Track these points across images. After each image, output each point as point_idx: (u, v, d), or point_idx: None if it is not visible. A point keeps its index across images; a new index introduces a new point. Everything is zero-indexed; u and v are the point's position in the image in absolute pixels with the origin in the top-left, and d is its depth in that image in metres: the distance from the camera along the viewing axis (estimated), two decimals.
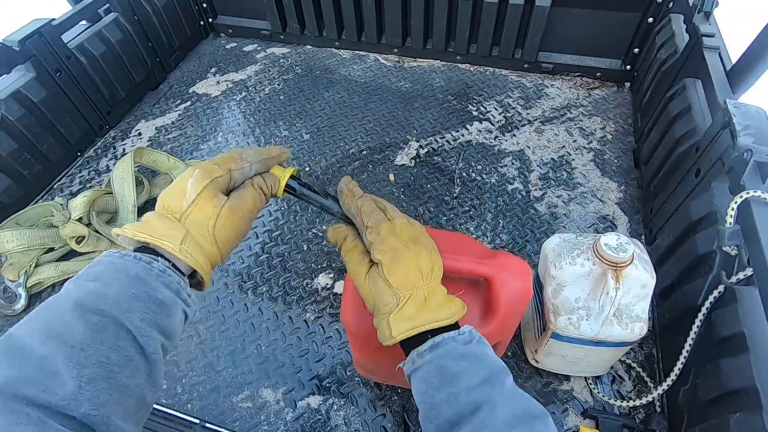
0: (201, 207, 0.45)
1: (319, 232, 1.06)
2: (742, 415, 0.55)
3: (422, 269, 0.49)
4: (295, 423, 0.78)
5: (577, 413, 0.77)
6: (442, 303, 0.48)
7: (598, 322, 0.65)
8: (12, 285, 0.96)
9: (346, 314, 0.63)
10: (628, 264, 0.61)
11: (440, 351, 0.45)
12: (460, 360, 0.45)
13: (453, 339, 0.46)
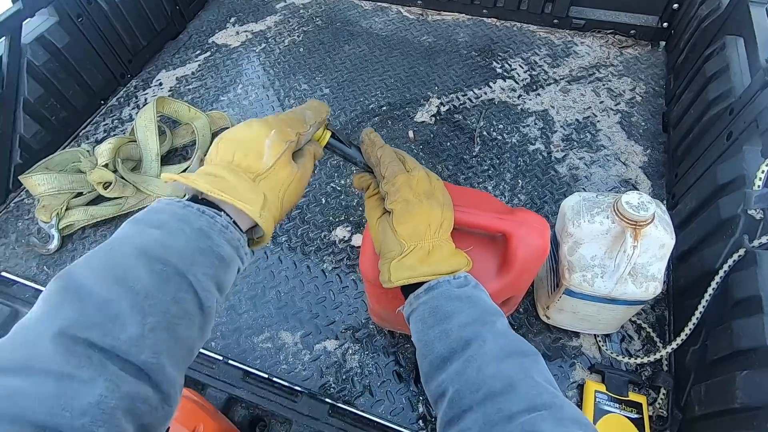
0: (278, 172, 0.45)
1: (337, 186, 1.07)
2: (749, 372, 0.56)
3: (431, 223, 0.51)
4: (312, 364, 0.83)
5: (584, 368, 0.80)
6: (446, 257, 0.50)
7: (612, 280, 0.66)
8: (45, 226, 1.01)
9: (365, 263, 0.65)
10: (648, 223, 0.61)
11: (434, 292, 0.48)
12: (454, 300, 0.47)
13: (447, 282, 0.48)
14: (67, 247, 1.02)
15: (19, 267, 1.00)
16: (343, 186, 1.07)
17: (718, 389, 0.61)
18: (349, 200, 1.04)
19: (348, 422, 0.77)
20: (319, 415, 0.77)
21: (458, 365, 0.43)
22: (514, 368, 0.41)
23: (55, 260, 1.00)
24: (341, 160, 1.12)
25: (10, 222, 1.07)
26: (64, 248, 1.02)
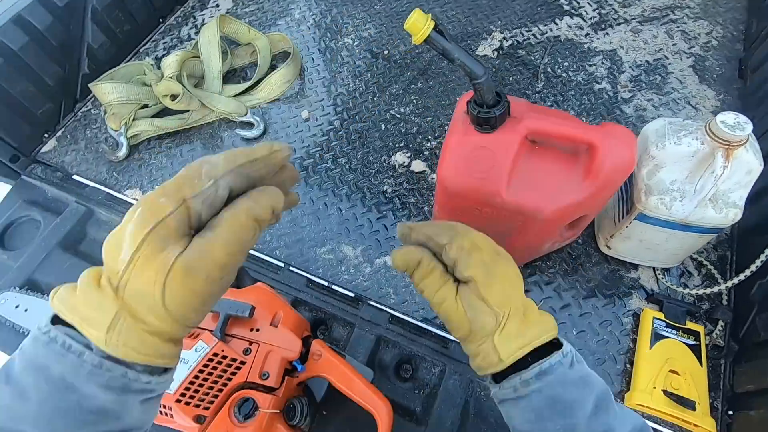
0: (141, 269, 0.29)
1: (396, 113, 1.07)
2: None
3: (514, 282, 0.44)
4: (372, 276, 0.86)
5: (641, 298, 0.81)
6: (540, 315, 0.44)
7: (692, 204, 0.66)
8: (114, 134, 1.04)
9: (447, 170, 0.66)
10: (742, 143, 0.60)
11: (550, 378, 0.41)
12: (571, 387, 0.41)
13: (560, 363, 0.41)
14: (134, 155, 1.06)
15: (90, 171, 1.04)
16: (402, 114, 1.07)
17: None
18: (408, 128, 1.04)
19: (407, 330, 0.80)
20: (380, 322, 0.81)
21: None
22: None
23: (124, 167, 1.04)
24: (401, 88, 1.11)
25: (79, 130, 1.11)
26: (131, 157, 1.05)
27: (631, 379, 0.73)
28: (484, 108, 0.62)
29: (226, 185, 0.32)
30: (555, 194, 0.64)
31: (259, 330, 0.63)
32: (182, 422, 0.57)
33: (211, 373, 0.58)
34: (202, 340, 0.59)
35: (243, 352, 0.60)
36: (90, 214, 0.97)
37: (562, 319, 0.80)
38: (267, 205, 0.33)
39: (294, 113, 1.09)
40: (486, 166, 0.64)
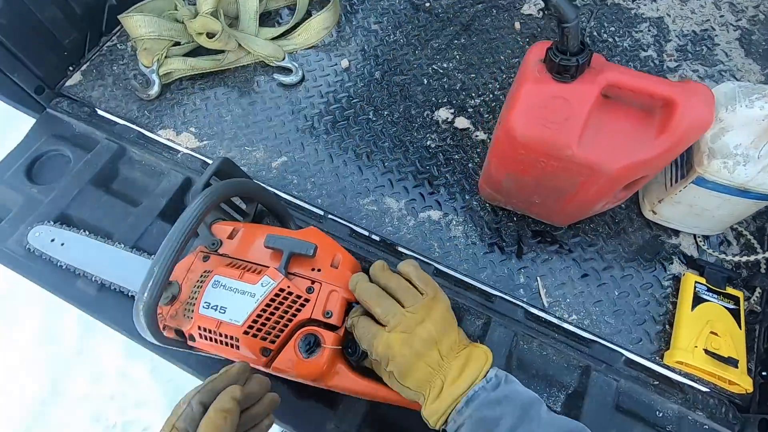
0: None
1: (439, 69, 1.04)
2: None
3: (429, 363, 0.53)
4: (416, 229, 0.86)
5: (681, 263, 0.83)
6: (466, 369, 0.52)
7: (755, 169, 0.66)
8: (146, 71, 0.99)
9: (517, 119, 0.65)
10: None
11: (475, 404, 0.49)
12: (495, 405, 0.49)
13: (483, 389, 0.50)
14: (165, 95, 1.01)
15: (119, 108, 1.00)
16: (445, 69, 1.04)
17: None
18: (451, 84, 1.02)
19: (451, 283, 0.81)
20: (427, 272, 0.81)
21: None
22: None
23: (155, 107, 1.00)
24: (443, 43, 1.08)
25: (105, 65, 1.06)
26: (163, 96, 1.01)
27: (670, 339, 0.75)
28: (566, 55, 0.60)
29: (198, 402, 0.45)
30: (625, 150, 0.63)
31: (320, 270, 0.62)
32: (248, 354, 0.57)
33: (277, 308, 0.58)
34: (267, 275, 0.58)
35: (306, 290, 0.60)
36: (122, 152, 0.94)
37: (605, 279, 0.81)
38: (227, 398, 0.46)
39: (333, 61, 1.05)
40: (561, 116, 0.63)
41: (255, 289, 0.58)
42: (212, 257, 0.64)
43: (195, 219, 0.56)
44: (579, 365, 0.74)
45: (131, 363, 1.80)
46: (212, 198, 0.59)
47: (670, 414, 0.71)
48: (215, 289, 0.58)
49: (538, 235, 0.85)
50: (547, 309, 0.79)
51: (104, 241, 0.81)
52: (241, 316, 0.57)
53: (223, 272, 0.59)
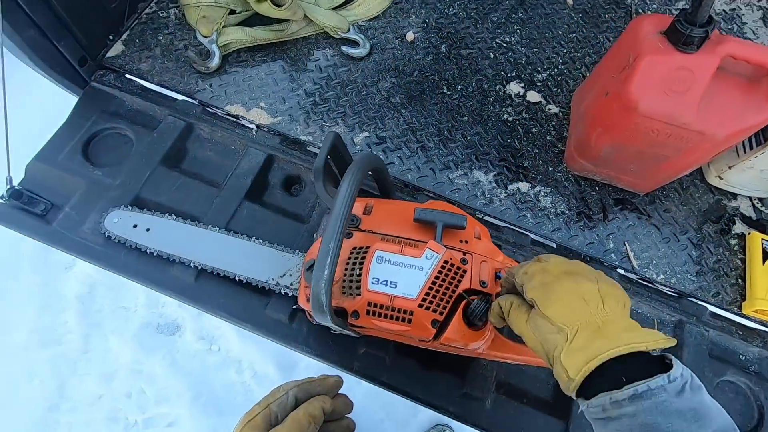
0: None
1: (502, 42, 1.05)
2: None
3: (587, 298, 0.42)
4: (508, 200, 0.88)
5: (743, 223, 0.91)
6: (627, 329, 0.40)
7: None
8: (205, 41, 0.92)
9: (640, 89, 0.68)
10: None
11: (647, 404, 0.35)
12: (676, 418, 0.35)
13: (662, 389, 0.36)
14: (224, 68, 0.95)
15: (175, 82, 0.92)
16: (509, 43, 1.05)
17: None
18: (516, 58, 1.03)
19: (548, 252, 0.84)
20: (525, 243, 0.84)
21: None
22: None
23: (218, 81, 0.93)
24: (502, 17, 1.08)
25: (149, 34, 0.97)
26: (222, 69, 0.95)
27: (745, 291, 0.84)
28: (695, 26, 0.63)
29: (293, 395, 0.50)
30: (734, 117, 0.68)
31: (468, 242, 0.63)
32: (420, 326, 0.57)
33: (444, 279, 0.58)
34: (429, 248, 0.58)
35: (461, 262, 0.60)
36: (189, 130, 0.88)
37: (682, 241, 0.88)
38: (317, 405, 0.49)
39: (397, 34, 1.03)
40: (684, 86, 0.67)
41: (421, 263, 0.58)
42: (356, 233, 0.62)
43: (353, 193, 0.54)
44: (672, 320, 0.81)
45: (145, 358, 1.70)
46: (363, 171, 0.58)
47: (752, 356, 0.80)
48: (380, 265, 0.57)
49: (620, 203, 0.90)
50: (637, 271, 0.84)
51: (196, 225, 0.76)
52: (414, 289, 0.56)
53: (383, 247, 0.58)
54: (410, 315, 0.56)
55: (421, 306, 0.56)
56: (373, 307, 0.57)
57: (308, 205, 0.85)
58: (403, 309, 0.56)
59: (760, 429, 0.76)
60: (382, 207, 0.66)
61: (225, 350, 1.73)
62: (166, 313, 1.79)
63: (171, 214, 0.77)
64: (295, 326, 0.74)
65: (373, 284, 0.57)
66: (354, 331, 0.61)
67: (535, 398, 0.75)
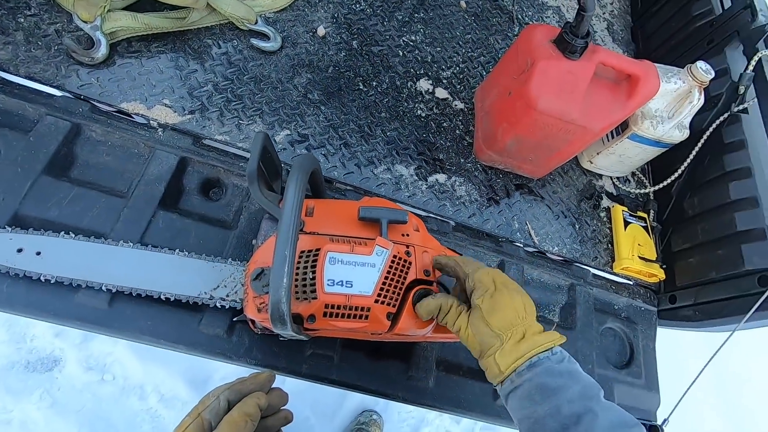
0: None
1: (409, 41, 1.10)
2: (737, 182, 0.93)
3: (518, 310, 0.55)
4: (429, 191, 0.94)
5: (608, 198, 1.12)
6: (540, 335, 0.54)
7: (667, 126, 0.94)
8: (87, 27, 0.79)
9: (538, 89, 0.78)
10: (708, 84, 0.89)
11: (538, 369, 0.50)
12: (557, 376, 0.50)
13: (548, 358, 0.51)
14: (114, 59, 0.83)
15: (50, 74, 0.78)
16: (414, 42, 1.11)
17: (710, 195, 0.97)
18: (423, 56, 1.09)
19: (468, 235, 0.93)
20: (447, 230, 0.91)
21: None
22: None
23: (107, 73, 0.81)
24: (406, 15, 1.13)
25: (3, 16, 0.79)
26: (111, 60, 0.82)
27: (614, 253, 1.03)
28: (579, 37, 0.75)
29: (225, 398, 0.48)
30: (606, 113, 0.84)
31: (409, 235, 0.66)
32: (377, 321, 0.59)
33: (395, 273, 0.61)
34: (378, 245, 0.60)
35: (405, 254, 0.64)
36: (77, 132, 0.75)
37: (568, 216, 1.04)
38: (252, 403, 0.48)
39: (307, 28, 1.01)
40: (571, 88, 0.79)
41: (372, 260, 0.59)
42: (302, 237, 0.61)
43: (301, 196, 0.54)
44: (566, 284, 0.97)
45: (14, 404, 1.42)
46: (307, 173, 0.57)
47: (622, 305, 1.00)
48: (333, 266, 0.58)
49: (519, 188, 1.03)
50: (537, 246, 0.98)
51: (102, 242, 0.66)
52: (369, 286, 0.58)
53: (334, 248, 0.59)
54: (367, 311, 0.58)
55: (377, 301, 0.58)
56: (331, 308, 0.57)
57: (232, 209, 0.80)
58: (360, 306, 0.58)
59: (632, 360, 0.95)
60: (323, 208, 0.66)
61: (121, 377, 1.53)
62: (38, 347, 1.52)
63: (67, 232, 0.66)
64: (235, 339, 0.70)
65: (329, 286, 0.57)
66: (306, 335, 0.61)
67: (469, 369, 0.83)
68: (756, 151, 0.93)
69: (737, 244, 0.88)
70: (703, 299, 0.93)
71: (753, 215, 0.88)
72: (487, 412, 0.81)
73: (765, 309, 0.80)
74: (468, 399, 0.80)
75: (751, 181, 0.91)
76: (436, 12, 1.18)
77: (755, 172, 0.91)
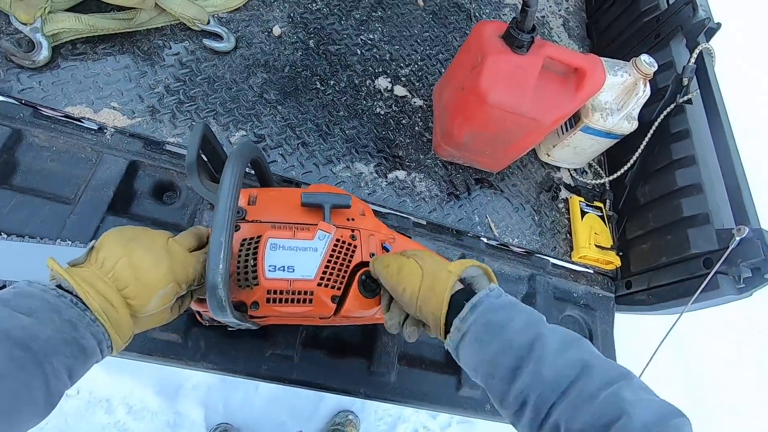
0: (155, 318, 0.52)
1: (367, 39, 1.11)
2: (683, 169, 0.97)
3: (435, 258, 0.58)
4: (389, 188, 0.95)
5: (566, 189, 1.15)
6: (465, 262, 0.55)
7: (616, 118, 0.98)
8: (26, 29, 0.76)
9: (489, 84, 0.80)
10: (653, 77, 0.93)
11: (480, 309, 0.49)
12: (500, 310, 0.49)
13: (487, 296, 0.50)
14: (57, 62, 0.80)
15: None
16: (372, 40, 1.11)
17: (660, 183, 1.01)
18: (381, 54, 1.10)
19: (429, 231, 0.94)
20: (408, 226, 0.92)
21: (531, 369, 0.44)
22: (579, 353, 0.45)
23: (49, 76, 0.79)
24: (364, 14, 1.14)
25: None
26: (55, 63, 0.80)
27: (572, 242, 1.06)
28: (525, 32, 0.77)
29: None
30: (556, 105, 0.86)
31: (354, 220, 0.66)
32: (322, 304, 0.58)
33: (338, 256, 0.61)
34: (320, 230, 0.60)
35: (350, 238, 0.64)
36: (18, 138, 0.73)
37: (527, 208, 1.07)
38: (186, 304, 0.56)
39: (262, 27, 1.00)
40: (520, 81, 0.81)
41: (314, 244, 0.60)
42: (243, 225, 0.60)
43: (237, 182, 0.53)
44: (526, 274, 0.99)
45: None
46: (244, 159, 0.56)
47: (581, 292, 1.03)
48: (274, 252, 0.58)
49: (479, 182, 1.05)
50: (498, 238, 1.00)
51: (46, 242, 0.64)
52: (311, 270, 0.58)
53: (275, 234, 0.59)
54: (310, 295, 0.58)
55: (320, 285, 0.58)
56: (273, 294, 0.57)
57: (187, 212, 0.79)
58: (303, 291, 0.58)
59: None
60: (266, 195, 0.65)
61: (86, 391, 1.48)
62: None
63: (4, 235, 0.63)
64: (191, 344, 0.69)
65: (270, 272, 0.57)
66: (254, 323, 0.60)
67: (431, 361, 0.84)
68: (699, 140, 0.97)
69: (684, 229, 0.92)
70: (656, 283, 0.97)
71: (697, 201, 0.92)
72: (451, 403, 0.82)
73: (710, 290, 0.84)
74: (431, 391, 0.81)
75: (695, 168, 0.95)
76: (393, 11, 1.19)
77: (698, 160, 0.95)
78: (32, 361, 0.38)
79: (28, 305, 0.41)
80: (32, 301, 0.41)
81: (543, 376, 0.43)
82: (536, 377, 0.43)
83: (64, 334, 0.41)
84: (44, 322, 0.40)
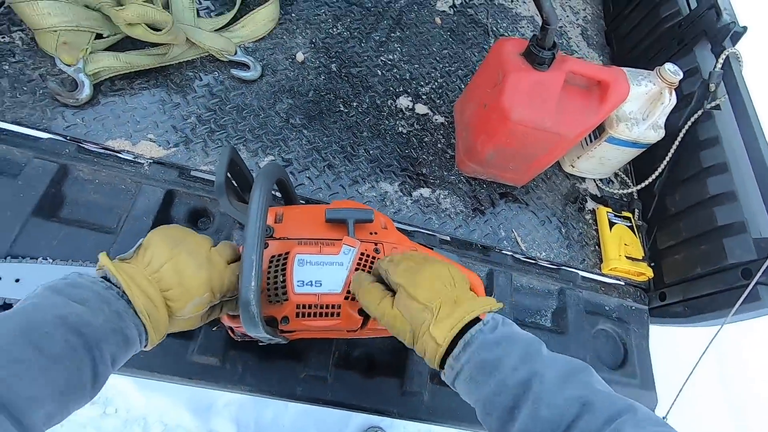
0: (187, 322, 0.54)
1: (387, 60, 1.13)
2: (715, 177, 0.94)
3: (443, 279, 0.51)
4: (414, 206, 0.96)
5: (592, 200, 1.13)
6: (474, 300, 0.50)
7: (642, 128, 0.97)
8: (70, 70, 0.81)
9: (511, 101, 0.81)
10: (678, 85, 0.92)
11: (473, 347, 0.46)
12: (494, 347, 0.46)
13: (480, 331, 0.47)
14: (98, 98, 0.85)
15: (36, 118, 0.80)
16: (392, 61, 1.14)
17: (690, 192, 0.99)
18: (401, 74, 1.12)
19: (455, 248, 0.94)
20: (434, 243, 0.92)
21: (528, 410, 0.42)
22: (578, 389, 0.42)
23: (91, 113, 0.83)
24: (383, 36, 1.16)
25: None
26: (95, 100, 0.85)
27: (602, 254, 1.05)
28: (545, 49, 0.78)
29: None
30: (580, 119, 0.86)
31: (377, 233, 0.67)
32: (349, 317, 0.59)
33: (363, 270, 0.62)
34: (345, 244, 0.62)
35: (374, 251, 0.65)
36: (64, 173, 0.77)
37: (553, 222, 1.06)
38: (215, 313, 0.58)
39: (286, 54, 1.04)
40: (541, 97, 0.81)
41: (340, 259, 0.61)
42: (271, 243, 0.62)
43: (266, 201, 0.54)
44: (555, 288, 0.98)
45: None
46: (271, 179, 0.58)
47: (613, 305, 1.01)
48: (302, 268, 0.59)
49: (504, 196, 1.05)
50: (525, 253, 0.99)
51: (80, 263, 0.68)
52: (338, 284, 0.59)
53: (302, 250, 0.60)
54: (338, 309, 0.59)
55: (347, 298, 0.59)
56: (302, 308, 0.58)
57: (221, 237, 0.81)
58: (331, 304, 0.59)
59: (626, 360, 0.96)
60: (292, 213, 0.67)
61: (124, 410, 1.53)
62: None
63: (45, 258, 0.67)
64: (229, 366, 0.71)
65: (299, 287, 0.58)
66: (284, 337, 0.62)
67: None
68: (731, 146, 0.95)
69: (719, 239, 0.89)
70: (692, 295, 0.94)
71: (732, 209, 0.89)
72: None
73: (751, 301, 0.81)
74: (464, 411, 0.80)
75: (728, 175, 0.92)
76: (412, 30, 1.21)
77: (731, 167, 0.93)
78: (83, 346, 0.41)
79: (80, 295, 0.44)
80: (84, 291, 0.45)
81: (541, 417, 0.41)
82: (535, 419, 0.41)
83: (112, 323, 0.44)
84: (95, 312, 0.43)
